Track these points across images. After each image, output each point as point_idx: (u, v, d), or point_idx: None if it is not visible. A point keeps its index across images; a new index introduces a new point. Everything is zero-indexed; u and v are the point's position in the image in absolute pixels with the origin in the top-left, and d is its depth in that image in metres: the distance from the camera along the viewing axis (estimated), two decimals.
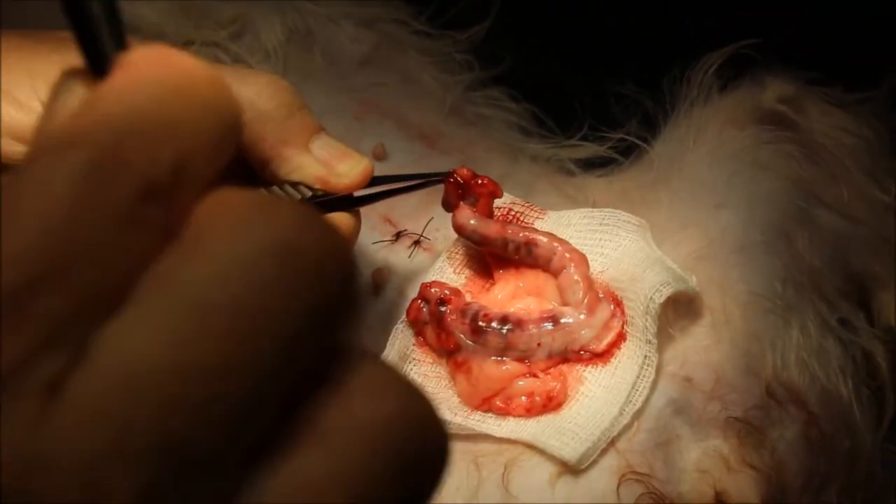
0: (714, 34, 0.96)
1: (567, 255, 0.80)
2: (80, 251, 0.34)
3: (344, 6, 1.05)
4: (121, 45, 0.40)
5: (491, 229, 0.81)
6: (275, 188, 0.75)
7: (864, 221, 0.92)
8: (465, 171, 0.82)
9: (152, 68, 0.38)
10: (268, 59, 0.99)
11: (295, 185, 0.76)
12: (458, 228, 0.82)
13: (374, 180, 0.79)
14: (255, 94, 0.75)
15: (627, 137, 0.96)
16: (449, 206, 0.83)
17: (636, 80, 0.98)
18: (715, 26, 1.03)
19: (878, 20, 1.09)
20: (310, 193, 0.76)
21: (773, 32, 0.93)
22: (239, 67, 0.95)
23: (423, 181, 0.83)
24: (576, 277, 0.79)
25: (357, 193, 0.79)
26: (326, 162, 0.77)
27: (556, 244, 0.81)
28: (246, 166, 0.78)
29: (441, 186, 0.84)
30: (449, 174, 0.82)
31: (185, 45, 0.97)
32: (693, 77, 0.95)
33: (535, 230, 0.82)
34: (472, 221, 0.81)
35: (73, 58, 0.66)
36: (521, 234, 0.81)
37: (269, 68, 0.98)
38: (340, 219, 0.76)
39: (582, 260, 0.80)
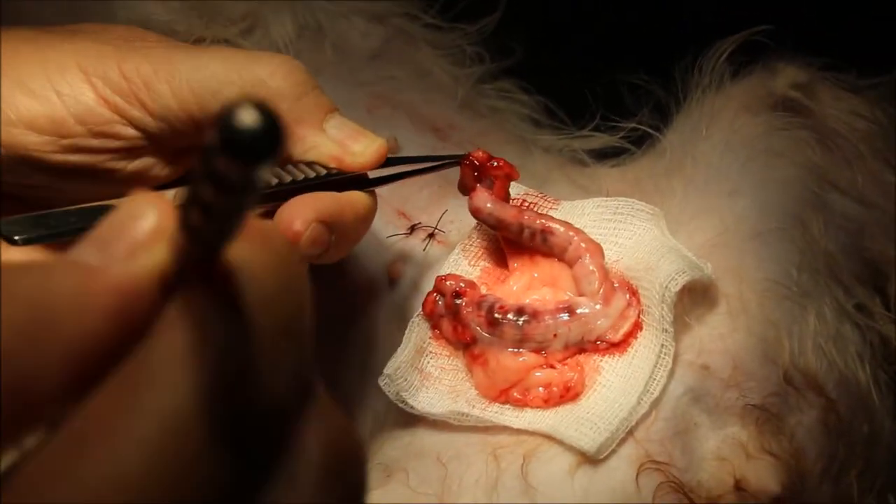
0: (725, 21, 0.96)
1: (583, 244, 0.80)
2: None
3: (354, 1, 1.05)
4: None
5: (508, 213, 0.81)
6: (289, 166, 0.75)
7: (879, 206, 0.92)
8: (480, 153, 0.82)
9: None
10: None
11: (310, 164, 0.76)
12: (475, 211, 0.82)
13: (389, 161, 0.79)
14: (269, 74, 0.75)
15: (640, 127, 0.96)
16: (465, 188, 0.83)
17: (647, 69, 0.98)
18: (726, 13, 1.02)
19: (890, 4, 1.09)
20: (324, 172, 0.76)
21: (784, 18, 0.93)
22: (252, 50, 0.95)
23: (439, 163, 0.83)
24: (591, 268, 0.79)
25: (372, 174, 0.79)
26: (341, 141, 0.77)
27: (571, 233, 0.81)
28: None
29: (454, 176, 0.84)
30: (465, 156, 0.82)
31: (197, 41, 0.98)
32: (705, 65, 0.95)
33: (552, 218, 0.82)
34: (488, 205, 0.81)
35: (86, 46, 0.66)
36: (537, 222, 0.81)
37: None
38: (357, 197, 0.76)
39: (597, 250, 0.80)
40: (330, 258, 0.74)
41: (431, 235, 0.90)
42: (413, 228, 0.90)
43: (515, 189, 0.86)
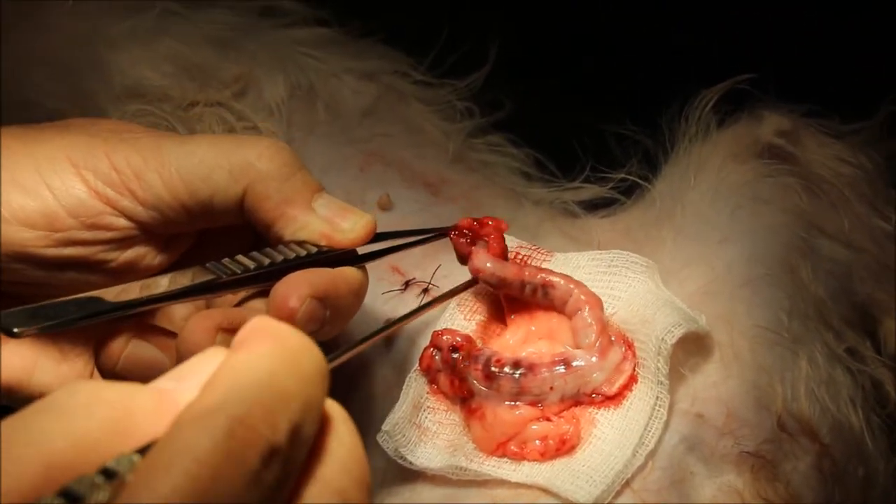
0: (710, 70, 0.97)
1: (583, 297, 0.81)
2: None
3: (345, 60, 1.07)
4: None
5: (508, 271, 0.82)
6: (280, 246, 0.77)
7: (866, 250, 0.93)
8: (465, 221, 0.84)
9: (264, 344, 0.48)
10: (272, 115, 1.01)
11: (300, 243, 0.77)
12: (476, 272, 0.83)
13: (378, 236, 0.80)
14: (256, 157, 0.76)
15: (629, 177, 0.97)
16: (463, 257, 0.84)
17: (635, 120, 0.99)
18: (710, 63, 1.04)
19: (871, 51, 1.10)
20: (315, 250, 0.77)
21: (767, 67, 0.94)
22: (238, 134, 0.97)
23: (427, 236, 0.84)
24: (589, 320, 0.80)
25: (361, 250, 0.80)
26: (330, 219, 0.78)
27: (572, 286, 0.82)
28: (247, 232, 0.79)
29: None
30: (451, 228, 0.84)
31: (190, 105, 0.99)
32: (691, 114, 0.97)
33: (551, 272, 0.83)
34: (488, 265, 0.82)
35: (75, 140, 0.69)
36: (538, 277, 0.82)
37: (273, 125, 1.00)
38: (349, 273, 0.77)
39: (597, 303, 0.81)
40: (326, 335, 0.75)
41: (426, 290, 0.91)
42: (407, 284, 0.91)
43: (509, 242, 0.87)
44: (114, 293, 0.72)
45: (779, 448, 0.81)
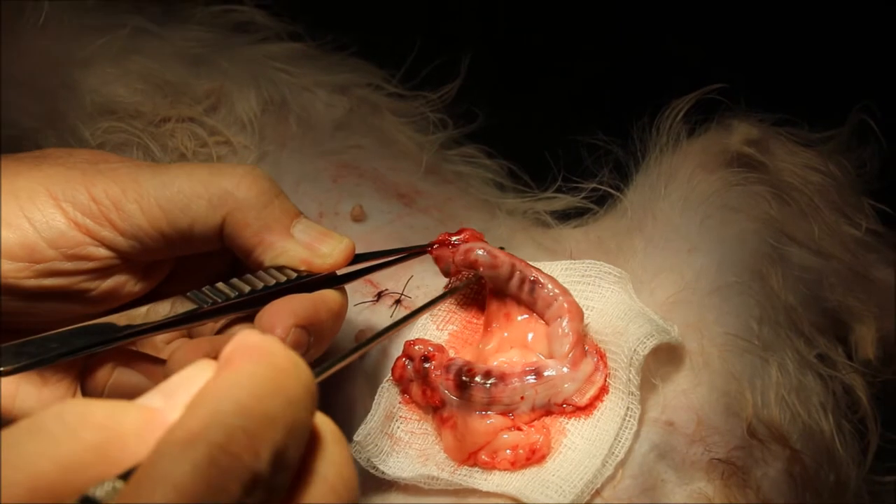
0: (680, 81, 0.98)
1: (565, 305, 0.82)
2: None
3: (317, 74, 1.07)
4: None
5: (501, 256, 0.83)
6: (260, 272, 0.77)
7: (836, 257, 0.94)
8: (442, 236, 0.84)
9: (250, 363, 0.48)
10: (244, 130, 1.01)
11: (279, 268, 0.78)
12: (468, 253, 0.83)
13: (357, 257, 0.81)
14: (234, 185, 0.77)
15: (600, 187, 0.97)
16: (446, 270, 0.85)
17: (607, 130, 1.00)
18: (681, 73, 1.04)
19: (840, 60, 1.11)
20: (294, 275, 0.78)
21: (737, 76, 0.94)
22: (215, 163, 0.97)
23: (405, 255, 0.85)
24: (567, 330, 0.81)
25: (340, 271, 0.80)
26: (309, 244, 0.79)
27: (558, 291, 0.82)
28: (227, 258, 0.80)
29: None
30: (429, 245, 0.85)
31: (162, 121, 0.99)
32: (661, 124, 0.97)
33: (542, 272, 0.84)
34: (480, 251, 0.83)
35: (54, 172, 0.69)
36: (531, 272, 0.83)
37: (245, 139, 1.00)
38: (329, 296, 0.78)
39: (577, 314, 0.82)
40: (309, 358, 0.76)
41: (398, 301, 0.91)
42: (380, 295, 0.91)
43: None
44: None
45: (749, 454, 0.82)
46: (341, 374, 0.90)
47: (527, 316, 0.84)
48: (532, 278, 0.83)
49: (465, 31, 1.07)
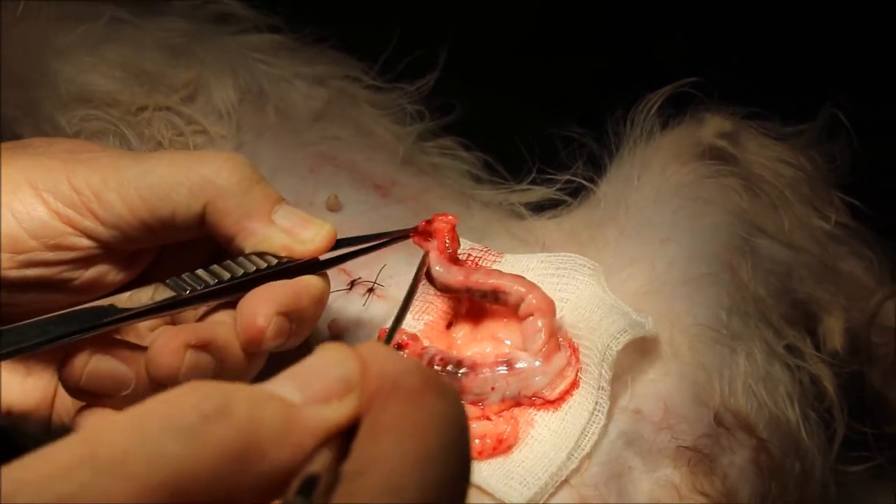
0: (654, 75, 0.99)
1: (535, 301, 0.82)
2: None
3: (295, 65, 1.08)
4: None
5: (453, 279, 0.84)
6: (241, 259, 0.77)
7: (806, 249, 0.95)
8: (421, 223, 0.85)
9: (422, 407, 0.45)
10: (221, 120, 1.01)
11: (261, 254, 0.78)
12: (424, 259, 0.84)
13: (338, 243, 0.81)
14: (215, 172, 0.77)
15: (574, 179, 0.98)
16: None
17: (581, 123, 1.01)
18: (655, 67, 1.05)
19: (812, 55, 1.12)
20: (275, 262, 0.78)
21: (711, 70, 0.95)
22: (195, 150, 0.97)
23: (387, 239, 0.85)
24: (539, 325, 0.81)
25: (322, 256, 0.81)
26: (290, 230, 0.78)
27: (524, 290, 0.83)
28: (210, 244, 0.80)
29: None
30: (412, 230, 0.85)
31: (139, 110, 1.00)
32: (635, 117, 0.98)
33: (504, 274, 0.84)
34: (437, 268, 0.84)
35: (34, 163, 0.70)
36: (489, 282, 0.83)
37: (222, 129, 1.00)
38: (310, 282, 0.78)
39: (549, 309, 0.82)
40: (291, 345, 0.76)
41: (371, 290, 0.91)
42: (353, 284, 0.92)
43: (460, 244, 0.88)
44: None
45: (716, 443, 0.82)
46: None
47: (502, 311, 0.85)
48: (493, 288, 0.83)
49: (443, 24, 1.08)
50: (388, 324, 0.86)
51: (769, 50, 1.12)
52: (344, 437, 0.45)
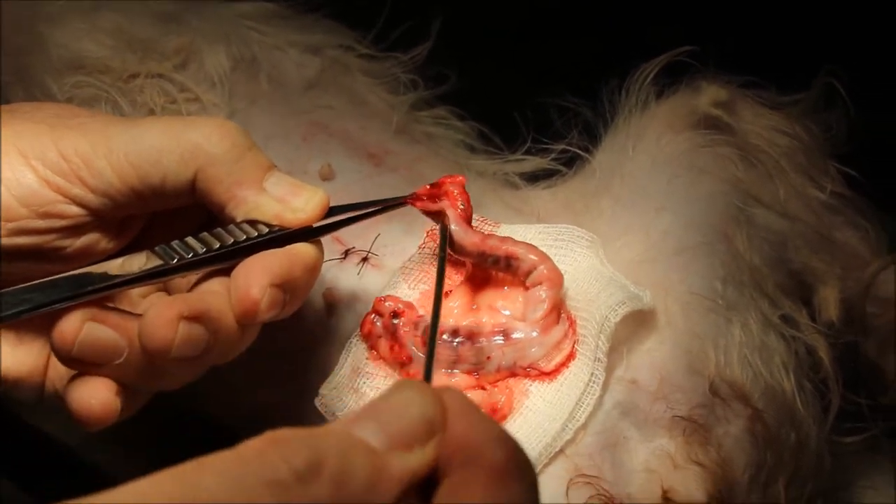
0: (650, 43, 0.98)
1: (545, 271, 0.81)
2: None
3: (288, 34, 1.07)
4: None
5: (469, 240, 0.83)
6: (232, 226, 0.77)
7: (802, 219, 0.94)
8: (423, 189, 0.84)
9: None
10: (213, 87, 1.00)
11: (252, 223, 0.77)
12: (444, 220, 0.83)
13: (331, 210, 0.80)
14: (205, 138, 0.76)
15: (569, 148, 0.98)
16: (434, 217, 0.85)
17: (576, 93, 1.00)
18: (650, 36, 1.05)
19: (808, 23, 1.11)
20: (267, 230, 0.77)
21: (706, 39, 0.95)
22: (186, 116, 0.96)
23: (381, 207, 0.84)
24: (544, 296, 0.81)
25: (315, 224, 0.80)
26: (282, 198, 0.78)
27: (535, 258, 0.82)
28: (203, 210, 0.79)
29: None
30: (407, 197, 0.84)
31: (131, 77, 0.99)
32: (631, 86, 0.97)
33: (517, 242, 0.83)
34: (455, 228, 0.83)
35: (22, 129, 0.68)
36: (502, 248, 0.83)
37: (215, 97, 1.00)
38: (304, 249, 0.77)
39: (557, 280, 0.82)
40: (285, 314, 0.76)
41: (365, 259, 0.91)
42: (347, 253, 0.91)
43: None
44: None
45: (711, 412, 0.82)
46: (308, 330, 0.91)
47: (503, 279, 0.84)
48: (506, 255, 0.83)
49: None
50: (385, 291, 0.86)
51: (765, 19, 1.12)
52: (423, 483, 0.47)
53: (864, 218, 0.98)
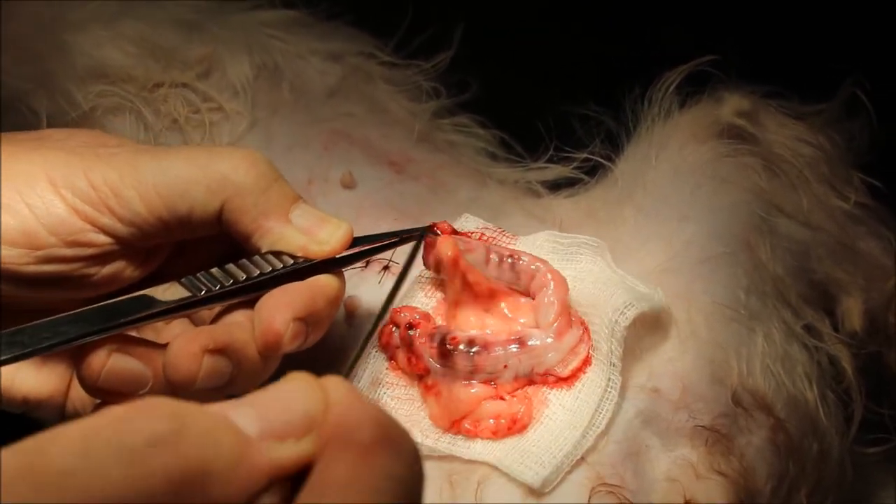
0: (673, 52, 0.98)
1: (548, 275, 0.82)
2: None
3: (310, 42, 1.07)
4: None
5: (474, 243, 0.84)
6: (257, 258, 0.78)
7: (825, 229, 0.94)
8: (444, 225, 0.84)
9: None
10: (236, 96, 1.01)
11: (277, 254, 0.78)
12: (446, 257, 0.83)
13: (354, 241, 0.81)
14: (232, 169, 0.77)
15: (592, 157, 0.98)
16: (427, 264, 0.85)
17: (599, 101, 1.00)
18: (673, 45, 1.04)
19: (832, 33, 1.11)
20: (291, 262, 0.78)
21: (729, 48, 0.95)
22: (214, 145, 0.97)
23: (402, 238, 0.84)
24: (552, 299, 0.81)
25: (338, 255, 0.80)
26: (307, 230, 0.78)
27: (538, 263, 0.83)
28: (226, 238, 0.80)
29: (408, 211, 0.86)
30: (428, 228, 0.85)
31: (155, 87, 0.99)
32: (653, 95, 0.97)
33: (517, 250, 0.84)
34: (449, 250, 0.83)
35: (53, 157, 0.69)
36: (506, 250, 0.84)
37: (238, 106, 1.00)
38: (326, 281, 0.78)
39: (561, 283, 0.82)
40: (307, 345, 0.77)
41: (386, 268, 0.91)
42: (368, 262, 0.91)
43: (473, 223, 0.88)
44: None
45: (733, 422, 0.82)
46: (328, 339, 0.91)
47: (513, 290, 0.85)
48: (510, 253, 0.83)
49: (459, 0, 1.07)
50: (402, 301, 0.86)
51: (788, 28, 1.12)
52: (294, 478, 0.45)
53: (887, 228, 0.98)
